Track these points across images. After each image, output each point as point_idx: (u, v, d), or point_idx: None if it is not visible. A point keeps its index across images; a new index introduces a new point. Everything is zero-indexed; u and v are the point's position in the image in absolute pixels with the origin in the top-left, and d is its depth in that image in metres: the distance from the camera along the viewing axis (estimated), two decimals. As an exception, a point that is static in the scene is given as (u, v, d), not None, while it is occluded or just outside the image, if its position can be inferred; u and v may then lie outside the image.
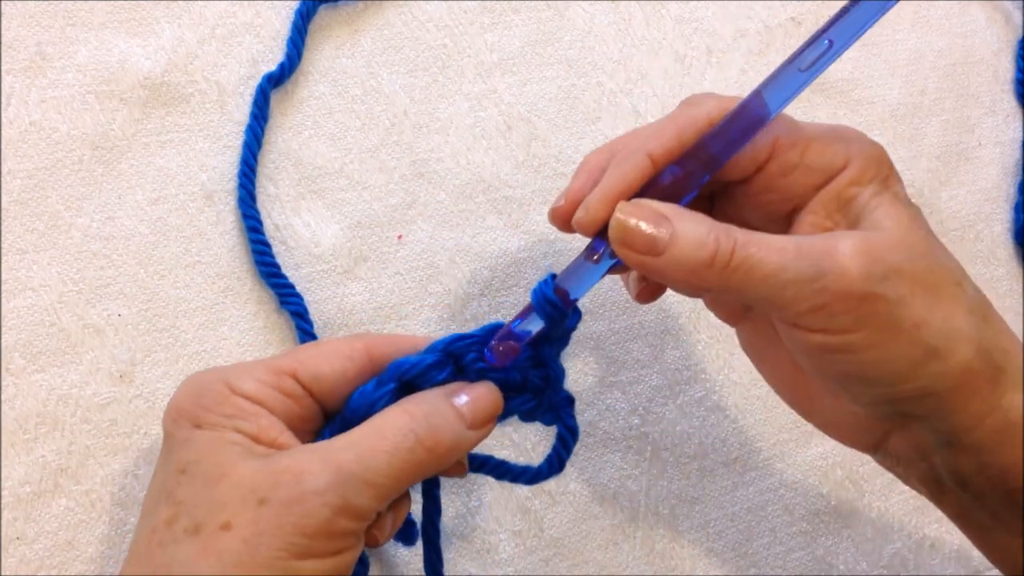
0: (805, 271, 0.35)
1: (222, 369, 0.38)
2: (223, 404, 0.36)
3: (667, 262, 0.36)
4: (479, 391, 0.39)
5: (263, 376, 0.37)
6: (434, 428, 0.36)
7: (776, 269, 0.35)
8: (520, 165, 0.55)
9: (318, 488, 0.34)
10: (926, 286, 0.36)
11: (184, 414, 0.36)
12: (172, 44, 0.51)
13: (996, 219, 0.63)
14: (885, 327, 0.35)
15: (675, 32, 0.59)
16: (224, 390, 0.36)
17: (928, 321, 0.36)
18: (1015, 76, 0.65)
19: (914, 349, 0.36)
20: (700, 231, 0.36)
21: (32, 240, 0.47)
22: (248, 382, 0.37)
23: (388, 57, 0.54)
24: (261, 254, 0.49)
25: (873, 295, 0.35)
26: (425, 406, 0.37)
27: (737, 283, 0.35)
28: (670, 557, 0.54)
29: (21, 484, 0.45)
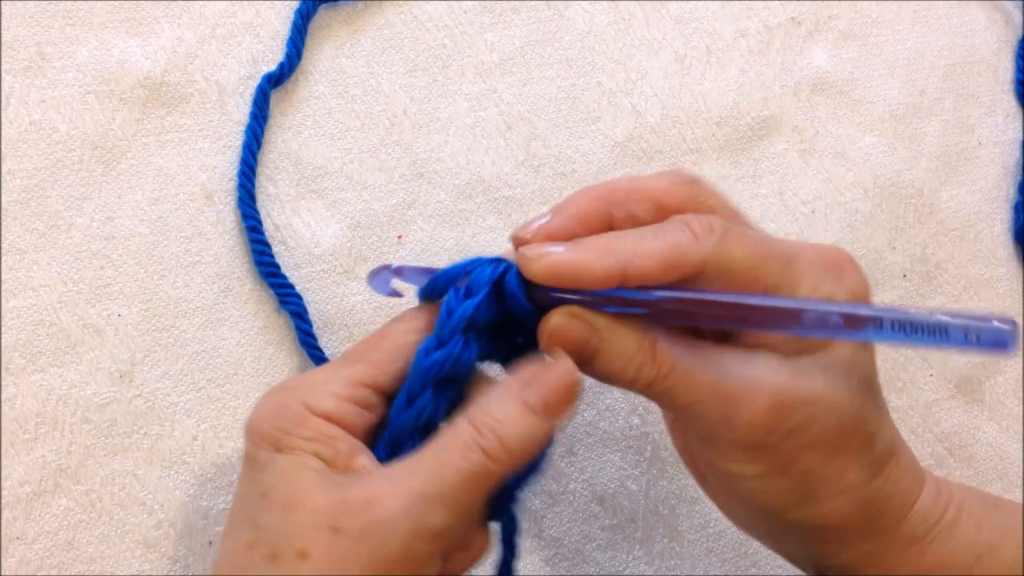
0: (713, 414, 0.37)
1: (301, 384, 0.37)
2: (302, 427, 0.35)
3: (594, 373, 0.37)
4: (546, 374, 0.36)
5: (341, 390, 0.36)
6: (500, 436, 0.35)
7: (689, 404, 0.37)
8: (520, 165, 0.55)
9: (392, 515, 0.34)
10: (828, 443, 0.38)
11: (265, 437, 0.36)
12: (172, 44, 0.51)
13: (996, 219, 0.63)
14: (773, 470, 0.38)
15: (675, 32, 0.59)
16: (303, 412, 0.36)
17: (815, 471, 0.38)
18: (1015, 76, 0.65)
19: (794, 492, 0.38)
20: (627, 352, 0.36)
21: (32, 240, 0.47)
22: (326, 400, 0.36)
23: (388, 57, 0.54)
24: (261, 254, 0.49)
25: (769, 447, 0.37)
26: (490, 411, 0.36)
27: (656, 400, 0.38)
28: (670, 557, 0.54)
29: (21, 484, 0.45)
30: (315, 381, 0.37)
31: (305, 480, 0.35)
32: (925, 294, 0.61)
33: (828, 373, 0.37)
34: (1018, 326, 0.32)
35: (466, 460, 0.35)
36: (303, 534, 0.34)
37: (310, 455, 0.35)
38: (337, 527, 0.34)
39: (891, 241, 0.60)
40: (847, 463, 0.38)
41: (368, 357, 0.37)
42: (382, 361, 0.37)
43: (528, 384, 0.36)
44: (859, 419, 0.38)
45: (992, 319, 0.32)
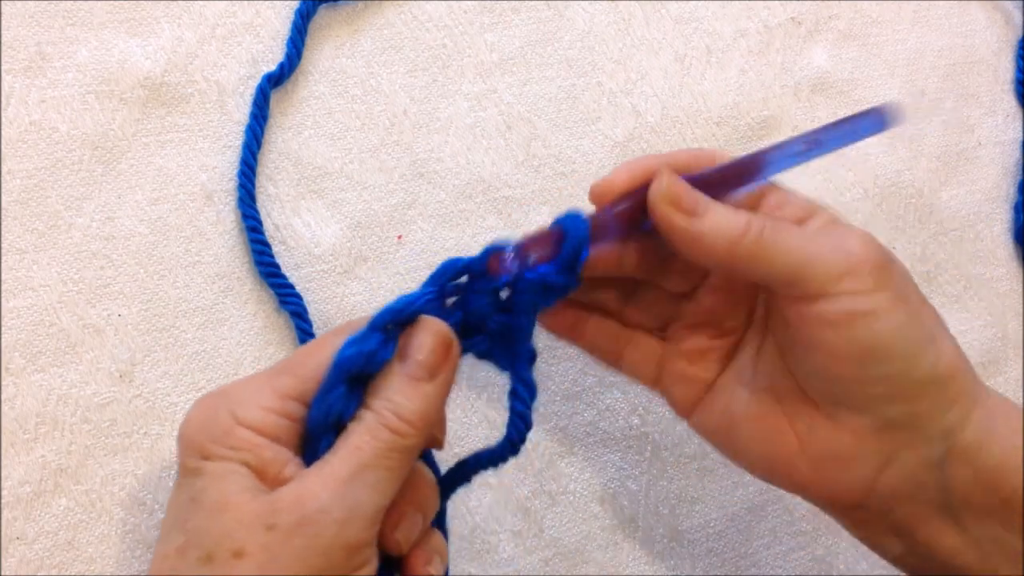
0: (828, 245, 0.39)
1: (228, 393, 0.37)
2: (228, 436, 0.36)
3: (705, 227, 0.39)
4: (416, 340, 0.38)
5: (268, 402, 0.37)
6: (396, 410, 0.37)
7: (802, 243, 0.38)
8: (520, 165, 0.55)
9: (323, 505, 0.34)
10: (913, 284, 0.41)
11: (192, 444, 0.36)
12: (172, 44, 0.51)
13: (996, 219, 0.63)
14: (900, 296, 0.39)
15: (675, 32, 0.59)
16: (229, 422, 0.36)
17: (921, 311, 0.40)
18: (1015, 76, 0.65)
19: (920, 330, 0.39)
20: (732, 209, 0.39)
21: (32, 240, 0.47)
22: (253, 411, 0.36)
23: (388, 57, 0.54)
24: (261, 254, 0.49)
25: (888, 265, 0.39)
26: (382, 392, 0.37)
27: (767, 256, 0.38)
28: (670, 557, 0.54)
29: (21, 484, 0.45)
30: (245, 391, 0.37)
31: (233, 484, 0.35)
32: (925, 293, 0.60)
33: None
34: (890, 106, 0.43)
35: (376, 439, 0.36)
36: (236, 534, 0.34)
37: (237, 463, 0.36)
38: (271, 524, 0.34)
39: (891, 241, 0.60)
40: (932, 312, 0.41)
41: (297, 370, 0.37)
42: (310, 375, 0.37)
43: (404, 356, 0.38)
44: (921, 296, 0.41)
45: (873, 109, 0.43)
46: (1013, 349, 0.62)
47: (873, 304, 0.38)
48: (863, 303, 0.38)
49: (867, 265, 0.38)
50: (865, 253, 0.39)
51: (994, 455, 0.39)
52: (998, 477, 0.39)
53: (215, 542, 0.34)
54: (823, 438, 0.41)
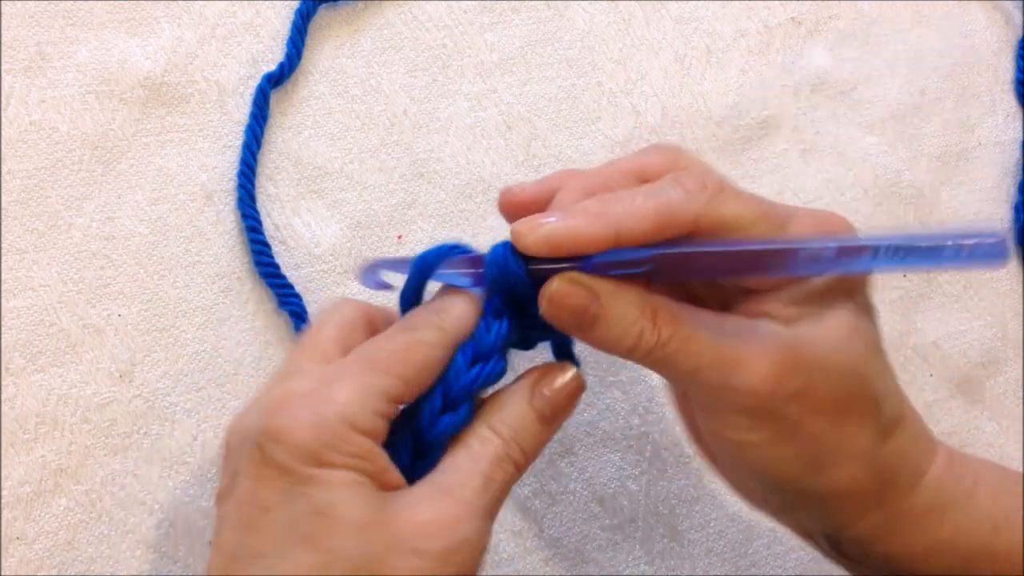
0: (715, 379, 0.36)
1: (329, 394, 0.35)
2: (348, 443, 0.34)
3: (594, 340, 0.37)
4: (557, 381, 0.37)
5: (379, 407, 0.35)
6: (524, 449, 0.36)
7: (690, 370, 0.36)
8: (520, 165, 0.55)
9: (468, 537, 0.34)
10: (835, 407, 0.37)
11: (305, 450, 0.34)
12: (172, 44, 0.51)
13: (996, 219, 0.63)
14: (780, 436, 0.37)
15: (675, 32, 0.59)
16: (346, 429, 0.34)
17: (823, 438, 0.37)
18: (1015, 76, 0.65)
19: (802, 460, 0.37)
20: (628, 318, 0.36)
21: (32, 240, 0.47)
22: (367, 417, 0.35)
23: (388, 57, 0.54)
24: (260, 254, 0.49)
25: (774, 412, 0.36)
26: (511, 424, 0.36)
27: (660, 369, 0.37)
28: (670, 557, 0.54)
29: (21, 484, 0.45)
30: (347, 392, 0.35)
31: (366, 499, 0.34)
32: (925, 293, 0.61)
33: (831, 336, 0.37)
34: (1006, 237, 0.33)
35: (504, 472, 0.36)
36: (386, 558, 0.33)
37: (358, 473, 0.34)
38: (417, 549, 0.33)
39: (891, 241, 0.60)
40: (855, 428, 0.38)
41: (400, 371, 0.36)
42: (415, 378, 0.36)
43: (538, 391, 0.37)
44: (864, 382, 0.38)
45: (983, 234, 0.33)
46: (1013, 349, 0.62)
47: (743, 440, 0.37)
48: (733, 436, 0.37)
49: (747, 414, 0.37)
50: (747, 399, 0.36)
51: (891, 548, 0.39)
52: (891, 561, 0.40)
53: (361, 564, 0.33)
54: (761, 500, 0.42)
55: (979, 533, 0.39)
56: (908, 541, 0.39)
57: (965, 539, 0.39)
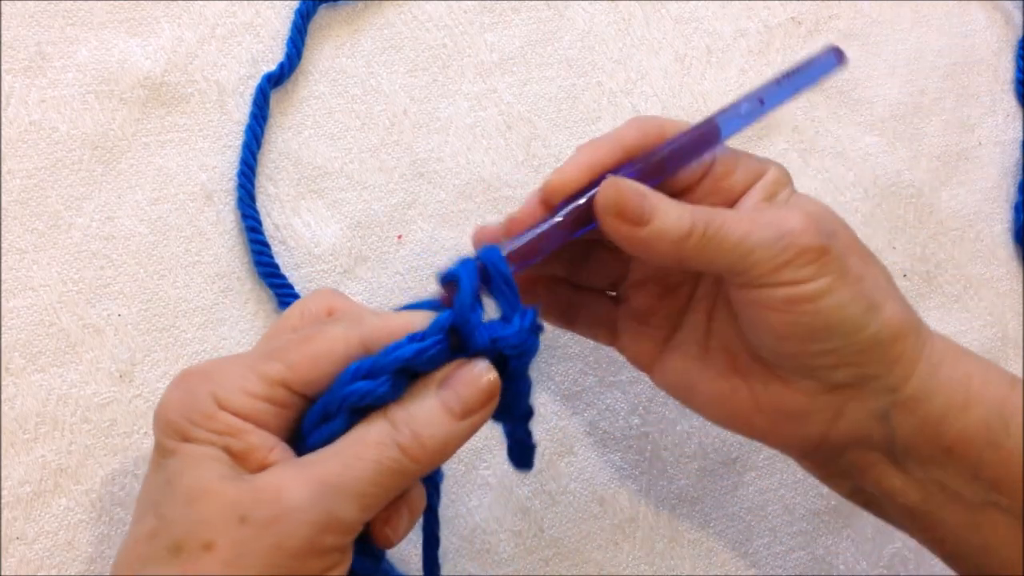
0: (768, 234, 0.39)
1: (211, 374, 0.36)
2: (211, 420, 0.35)
3: (651, 233, 0.39)
4: (468, 376, 0.36)
5: (254, 388, 0.35)
6: (417, 434, 0.35)
7: (743, 236, 0.39)
8: (520, 165, 0.55)
9: (300, 505, 0.33)
10: (855, 251, 0.42)
11: (172, 425, 0.35)
12: (172, 44, 0.51)
13: (996, 219, 0.63)
14: (839, 276, 0.40)
15: (675, 32, 0.59)
16: (211, 405, 0.35)
17: (863, 277, 0.41)
18: (1015, 76, 0.65)
19: (860, 300, 0.40)
20: (677, 208, 0.40)
21: (32, 240, 0.47)
22: (237, 396, 0.35)
23: (388, 57, 0.54)
24: (260, 254, 0.49)
25: (826, 247, 0.40)
26: (409, 409, 0.36)
27: (711, 252, 0.40)
28: (670, 557, 0.54)
29: (21, 484, 0.45)
30: (229, 372, 0.36)
31: (211, 471, 0.34)
32: (925, 293, 0.61)
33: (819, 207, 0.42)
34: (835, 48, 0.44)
35: (380, 455, 0.35)
36: (209, 524, 0.33)
37: (217, 448, 0.35)
38: (244, 516, 0.33)
39: (891, 241, 0.60)
40: (876, 271, 0.42)
41: (289, 358, 0.36)
42: (301, 366, 0.36)
43: (447, 384, 0.36)
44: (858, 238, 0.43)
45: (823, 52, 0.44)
46: (1013, 349, 0.62)
47: (813, 289, 0.39)
48: (803, 290, 0.39)
49: (804, 251, 0.39)
50: (802, 237, 0.39)
51: (936, 406, 0.41)
52: (940, 426, 0.41)
53: (186, 531, 0.33)
54: (776, 397, 0.43)
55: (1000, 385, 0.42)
56: (950, 393, 0.41)
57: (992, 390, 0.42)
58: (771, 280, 0.39)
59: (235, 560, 0.33)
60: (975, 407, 0.41)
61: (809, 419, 0.42)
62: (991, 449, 0.41)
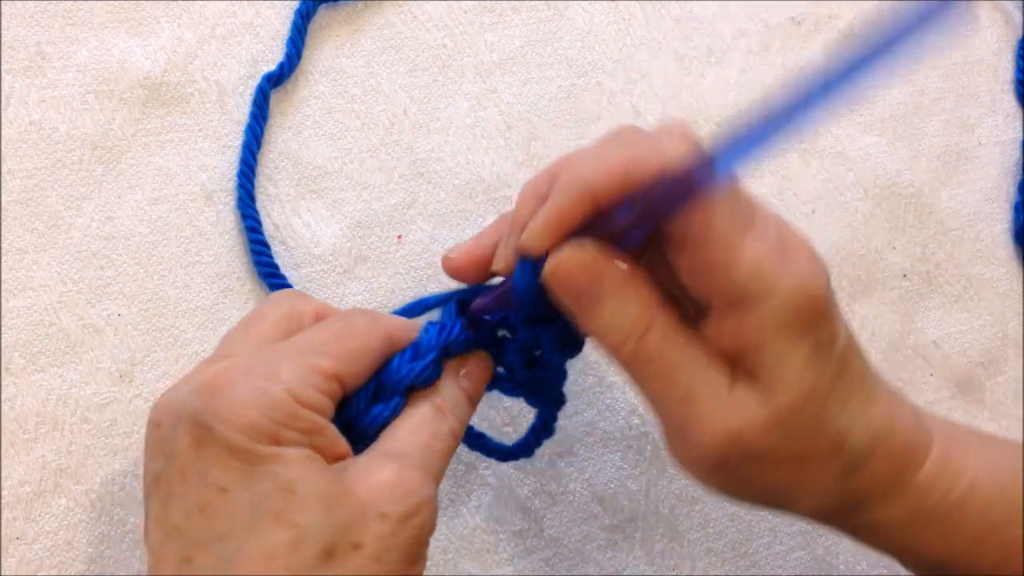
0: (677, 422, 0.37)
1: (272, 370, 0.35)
2: (298, 419, 0.34)
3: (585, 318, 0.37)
4: (476, 367, 0.41)
5: (319, 383, 0.36)
6: (460, 419, 0.40)
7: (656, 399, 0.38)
8: (520, 165, 0.55)
9: (424, 497, 0.36)
10: (794, 458, 0.36)
11: (257, 428, 0.34)
12: (172, 44, 0.51)
13: (996, 219, 0.63)
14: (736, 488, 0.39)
15: (675, 32, 0.59)
16: (292, 404, 0.34)
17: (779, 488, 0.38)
18: (1015, 76, 0.65)
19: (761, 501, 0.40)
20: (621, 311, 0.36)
21: (32, 240, 0.47)
22: (310, 392, 0.35)
23: (388, 57, 0.54)
24: (260, 254, 0.49)
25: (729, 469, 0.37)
26: (447, 397, 0.40)
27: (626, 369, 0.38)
28: (670, 557, 0.54)
29: (21, 484, 0.45)
30: (290, 370, 0.35)
31: (325, 472, 0.35)
32: (925, 294, 0.61)
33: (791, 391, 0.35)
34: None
35: (444, 441, 0.39)
36: (353, 526, 0.34)
37: (309, 447, 0.35)
38: (383, 513, 0.35)
39: (891, 241, 0.60)
40: (815, 474, 0.37)
41: (336, 352, 0.37)
42: (349, 360, 0.38)
43: (465, 375, 0.41)
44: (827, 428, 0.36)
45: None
46: (1013, 349, 0.62)
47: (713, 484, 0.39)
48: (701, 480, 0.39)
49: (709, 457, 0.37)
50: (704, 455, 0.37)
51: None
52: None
53: (333, 535, 0.33)
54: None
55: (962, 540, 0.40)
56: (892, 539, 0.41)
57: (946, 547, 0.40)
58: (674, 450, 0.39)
59: (383, 555, 0.34)
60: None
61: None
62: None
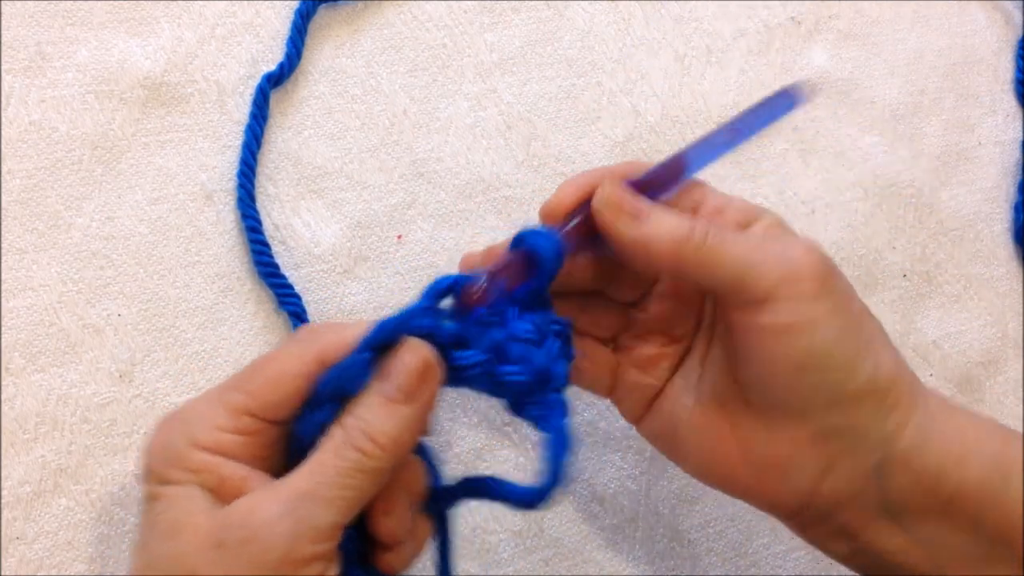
0: (772, 255, 0.39)
1: (185, 416, 0.38)
2: (185, 459, 0.36)
3: (649, 231, 0.39)
4: (397, 362, 0.37)
5: (221, 422, 0.37)
6: (367, 432, 0.36)
7: (747, 251, 0.39)
8: (520, 165, 0.55)
9: (269, 518, 0.34)
10: (855, 296, 0.41)
11: (152, 471, 0.37)
12: (172, 44, 0.51)
13: (996, 219, 0.63)
14: (840, 306, 0.39)
15: (675, 32, 0.59)
16: (185, 446, 0.36)
17: (862, 322, 0.40)
18: (1015, 76, 0.65)
19: (859, 338, 0.39)
20: (675, 215, 0.40)
21: (32, 240, 0.47)
22: (208, 433, 0.36)
23: (388, 57, 0.54)
24: (260, 254, 0.49)
25: (830, 275, 0.39)
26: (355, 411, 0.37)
27: (712, 262, 0.39)
28: (670, 557, 0.54)
29: (21, 484, 0.45)
30: (198, 412, 0.37)
31: (188, 507, 0.35)
32: (925, 293, 0.61)
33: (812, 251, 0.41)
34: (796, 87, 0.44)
35: (341, 458, 0.36)
36: (188, 556, 0.35)
37: (194, 486, 0.36)
38: (220, 542, 0.34)
39: (891, 241, 0.60)
40: (876, 322, 0.41)
41: (247, 386, 0.37)
42: (261, 391, 0.37)
43: (384, 377, 0.37)
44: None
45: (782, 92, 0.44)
46: (1013, 349, 0.62)
47: (812, 313, 0.38)
48: (803, 312, 0.38)
49: (808, 274, 0.38)
50: (807, 262, 0.39)
51: (932, 459, 0.40)
52: (937, 480, 0.40)
53: (169, 565, 0.35)
54: (763, 446, 0.41)
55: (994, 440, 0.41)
56: (946, 447, 0.40)
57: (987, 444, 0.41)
58: (770, 297, 0.38)
59: None
60: (972, 462, 0.40)
61: (797, 472, 0.41)
62: (991, 504, 0.40)
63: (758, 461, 0.41)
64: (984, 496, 0.40)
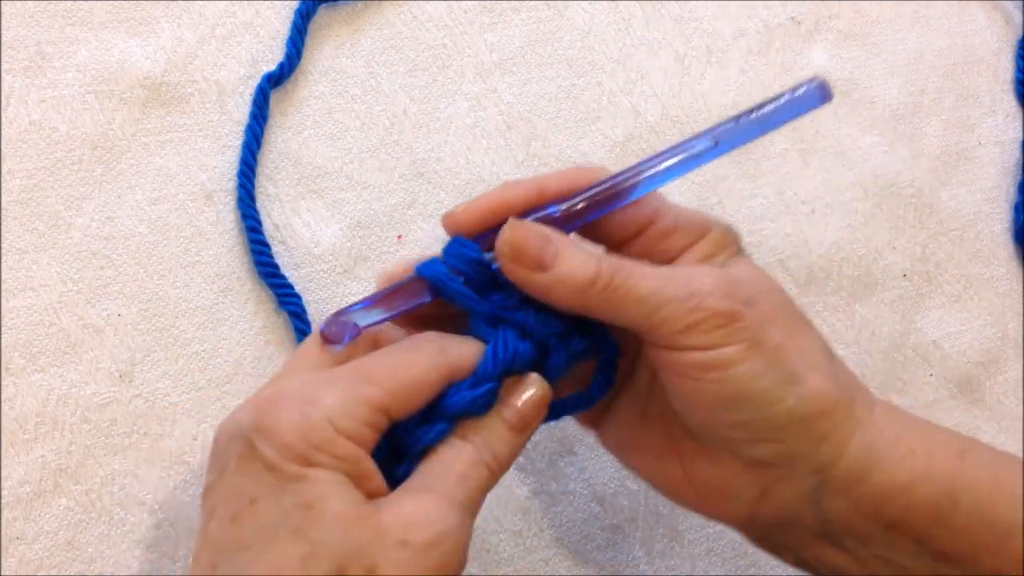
0: (677, 293, 0.38)
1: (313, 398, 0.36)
2: (333, 445, 0.35)
3: (552, 279, 0.38)
4: (522, 394, 0.39)
5: (364, 415, 0.36)
6: (496, 454, 0.38)
7: (652, 291, 0.38)
8: (520, 165, 0.55)
9: (451, 528, 0.35)
10: (780, 320, 0.39)
11: (292, 449, 0.35)
12: (172, 44, 0.51)
13: (996, 219, 0.63)
14: (752, 344, 0.38)
15: (675, 32, 0.59)
16: (331, 432, 0.35)
17: (785, 347, 0.39)
18: (1015, 76, 0.65)
19: (777, 371, 0.38)
20: (583, 255, 0.38)
21: (32, 240, 0.47)
22: (351, 423, 0.36)
23: (388, 57, 0.54)
24: (260, 254, 0.49)
25: (736, 313, 0.38)
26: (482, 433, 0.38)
27: (617, 304, 0.38)
28: (670, 557, 0.54)
29: (21, 484, 0.45)
30: (334, 398, 0.36)
31: (351, 497, 0.35)
32: (925, 293, 0.61)
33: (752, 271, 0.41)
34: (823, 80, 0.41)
35: (479, 475, 0.37)
36: (370, 549, 0.34)
37: (341, 474, 0.35)
38: (404, 541, 0.34)
39: (891, 241, 0.60)
40: (805, 341, 0.39)
41: (386, 383, 0.37)
42: (402, 392, 0.37)
43: (506, 404, 0.39)
44: (793, 305, 0.41)
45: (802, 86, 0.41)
46: (1013, 349, 0.62)
47: (720, 355, 0.38)
48: (710, 356, 0.38)
49: (715, 315, 0.37)
50: (712, 301, 0.38)
51: (875, 485, 0.39)
52: (881, 505, 0.39)
53: (347, 555, 0.34)
54: (703, 471, 0.41)
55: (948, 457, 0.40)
56: (890, 472, 0.39)
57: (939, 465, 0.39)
58: (678, 343, 0.38)
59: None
60: (920, 486, 0.39)
61: (735, 497, 0.41)
62: (939, 526, 0.39)
63: (700, 485, 0.42)
64: (931, 519, 0.39)
